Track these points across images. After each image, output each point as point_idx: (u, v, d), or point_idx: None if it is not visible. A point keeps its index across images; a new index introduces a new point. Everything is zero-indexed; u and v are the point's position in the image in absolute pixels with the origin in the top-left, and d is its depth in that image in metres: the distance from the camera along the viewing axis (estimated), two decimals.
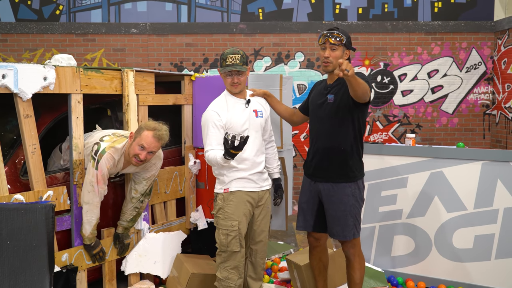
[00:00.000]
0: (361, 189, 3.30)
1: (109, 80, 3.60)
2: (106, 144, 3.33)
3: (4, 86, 2.94)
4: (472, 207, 3.92)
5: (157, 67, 7.31)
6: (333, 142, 3.22)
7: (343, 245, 3.33)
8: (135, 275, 3.83)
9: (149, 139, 3.28)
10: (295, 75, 7.37)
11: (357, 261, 3.33)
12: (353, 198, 3.22)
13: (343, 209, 3.21)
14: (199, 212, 4.28)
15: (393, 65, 7.47)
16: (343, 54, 3.20)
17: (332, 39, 3.16)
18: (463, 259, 3.96)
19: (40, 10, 7.29)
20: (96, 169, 3.28)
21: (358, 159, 3.27)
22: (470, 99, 7.56)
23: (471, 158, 3.90)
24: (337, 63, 3.03)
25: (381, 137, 7.57)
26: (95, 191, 3.30)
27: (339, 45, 3.17)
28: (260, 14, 7.36)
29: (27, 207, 2.25)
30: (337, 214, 3.23)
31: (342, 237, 3.25)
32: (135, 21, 7.31)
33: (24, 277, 2.14)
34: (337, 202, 3.22)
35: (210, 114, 3.32)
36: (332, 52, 3.18)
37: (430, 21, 7.41)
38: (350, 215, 3.21)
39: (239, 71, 3.30)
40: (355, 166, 3.24)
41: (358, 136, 3.23)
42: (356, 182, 3.25)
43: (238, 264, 3.33)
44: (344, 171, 3.22)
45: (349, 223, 3.22)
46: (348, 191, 3.21)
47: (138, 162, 3.33)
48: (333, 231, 3.27)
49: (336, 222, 3.24)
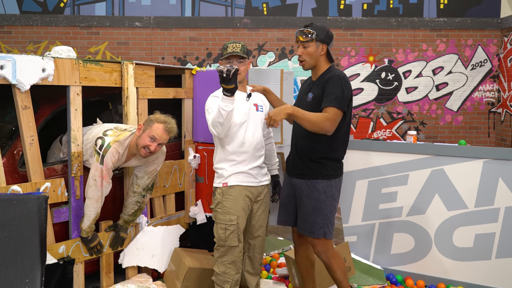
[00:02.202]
0: (335, 188, 3.18)
1: (108, 73, 3.58)
2: (110, 139, 3.31)
3: (2, 77, 2.93)
4: (473, 206, 3.89)
5: (160, 61, 7.30)
6: (307, 141, 3.17)
7: (315, 247, 3.22)
8: (133, 268, 3.82)
9: (160, 131, 3.31)
10: (299, 71, 7.34)
11: (334, 262, 3.22)
12: (324, 195, 3.13)
13: (313, 204, 3.14)
14: (198, 206, 4.27)
15: (398, 61, 7.42)
16: (317, 50, 3.14)
17: (302, 36, 3.12)
18: (463, 258, 3.93)
19: (44, 2, 7.30)
20: (101, 164, 3.27)
21: (334, 159, 3.17)
22: (475, 96, 7.50)
23: (472, 156, 3.86)
24: None
25: (384, 134, 7.53)
26: (98, 186, 3.29)
27: (310, 41, 3.12)
28: (264, 9, 7.33)
29: (19, 198, 2.24)
30: (307, 209, 3.16)
31: (309, 233, 3.16)
32: (139, 15, 7.29)
33: (15, 268, 2.14)
34: (307, 197, 3.16)
35: (213, 99, 3.33)
36: (305, 49, 3.14)
37: (435, 17, 7.35)
38: (319, 211, 3.13)
39: (240, 58, 3.31)
40: (330, 165, 3.15)
41: (333, 136, 3.10)
42: (329, 180, 3.15)
43: (236, 259, 3.31)
44: (316, 167, 3.15)
45: (318, 220, 3.13)
46: (319, 187, 3.13)
47: (147, 153, 3.34)
48: (301, 226, 3.21)
49: (304, 217, 3.18)
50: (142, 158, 3.51)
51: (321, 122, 2.96)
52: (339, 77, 3.07)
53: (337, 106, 2.99)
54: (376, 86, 7.45)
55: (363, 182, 4.25)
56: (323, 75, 3.16)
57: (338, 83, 3.03)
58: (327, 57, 3.20)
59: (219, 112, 3.09)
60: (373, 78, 7.43)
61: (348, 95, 3.06)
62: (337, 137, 3.14)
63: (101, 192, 3.33)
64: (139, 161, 3.54)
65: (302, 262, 3.48)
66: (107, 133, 3.37)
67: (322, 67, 3.19)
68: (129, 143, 3.40)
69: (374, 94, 7.46)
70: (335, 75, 3.08)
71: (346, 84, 3.07)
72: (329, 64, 3.21)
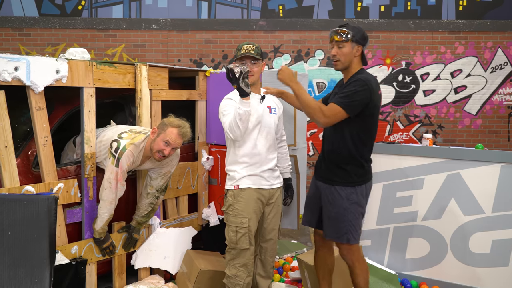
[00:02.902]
0: (360, 195, 3.12)
1: (122, 74, 3.60)
2: (126, 142, 3.32)
3: (16, 78, 2.96)
4: (490, 211, 3.81)
5: (176, 63, 7.33)
6: (331, 146, 3.15)
7: (340, 250, 3.22)
8: (145, 269, 3.83)
9: (174, 136, 3.31)
10: (315, 73, 7.30)
11: (357, 267, 3.19)
12: (348, 202, 3.08)
13: (336, 211, 3.10)
14: (211, 208, 4.26)
15: (415, 64, 7.33)
16: (352, 50, 3.07)
17: (337, 36, 3.06)
18: (480, 264, 3.85)
19: (63, 5, 7.38)
20: (117, 166, 3.28)
21: (358, 165, 3.10)
22: (494, 100, 7.37)
23: (490, 160, 3.79)
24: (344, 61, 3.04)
25: (401, 137, 7.44)
26: (112, 188, 3.31)
27: (346, 41, 3.06)
28: (280, 11, 7.31)
29: (29, 199, 2.25)
30: (330, 215, 3.14)
31: (335, 238, 3.15)
32: (156, 17, 7.34)
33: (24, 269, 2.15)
34: (331, 203, 3.13)
35: (227, 101, 3.33)
36: (339, 49, 3.07)
37: (454, 19, 7.25)
38: (343, 218, 3.09)
39: (254, 59, 3.31)
40: (354, 171, 3.10)
41: (357, 142, 3.06)
42: (354, 187, 3.10)
43: (247, 261, 3.29)
44: (341, 174, 3.11)
45: (341, 226, 3.10)
46: (342, 194, 3.09)
47: (161, 158, 3.35)
48: (326, 231, 3.19)
49: (330, 223, 3.15)
50: (156, 161, 3.51)
51: (313, 109, 2.98)
52: (360, 80, 2.97)
53: (341, 105, 2.93)
54: (393, 88, 7.37)
55: (378, 185, 4.19)
56: (352, 78, 3.07)
57: (355, 85, 2.96)
58: (361, 59, 3.14)
59: (234, 115, 3.08)
60: (390, 80, 7.35)
61: (363, 100, 2.93)
62: (361, 142, 3.09)
63: (115, 194, 3.34)
64: (153, 163, 3.54)
65: (320, 265, 3.45)
66: (122, 135, 3.37)
67: (354, 69, 3.10)
68: (144, 146, 3.41)
69: (391, 97, 7.38)
70: (359, 77, 3.00)
71: (364, 89, 2.94)
72: (361, 66, 3.13)
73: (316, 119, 2.99)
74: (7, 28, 7.36)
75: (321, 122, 2.98)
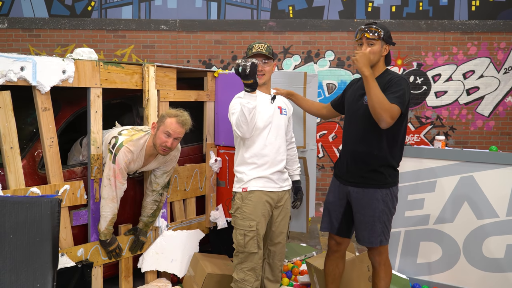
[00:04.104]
0: (393, 196, 3.12)
1: (129, 75, 3.56)
2: (124, 138, 3.30)
3: (22, 78, 2.93)
4: (504, 215, 3.72)
5: (185, 64, 7.30)
6: (365, 146, 3.06)
7: (369, 252, 3.21)
8: (152, 272, 3.79)
9: (174, 125, 3.26)
10: (325, 74, 7.23)
11: (383, 270, 3.18)
12: (383, 204, 3.06)
13: (372, 214, 3.06)
14: (219, 211, 4.21)
15: (427, 65, 7.23)
16: (382, 49, 3.04)
17: (369, 34, 3.00)
18: (493, 269, 3.76)
19: (72, 6, 7.38)
20: (114, 162, 3.25)
21: (392, 166, 3.09)
22: (508, 101, 7.26)
23: (504, 163, 3.70)
24: None
25: (412, 139, 7.35)
26: (112, 185, 3.27)
27: (377, 39, 3.01)
28: (290, 12, 7.25)
29: (31, 201, 2.21)
30: (365, 219, 3.09)
31: (368, 243, 3.12)
32: (165, 18, 7.31)
33: (26, 273, 2.10)
34: (366, 207, 3.08)
35: (236, 100, 3.27)
36: (370, 47, 3.02)
37: (466, 20, 7.15)
38: (378, 221, 3.06)
39: (266, 58, 3.25)
40: (388, 172, 3.07)
41: (392, 142, 3.04)
42: (389, 189, 3.08)
43: (256, 265, 3.23)
44: (376, 177, 3.06)
45: (377, 229, 3.07)
46: (378, 196, 3.06)
47: (165, 151, 3.30)
48: (360, 236, 3.15)
49: (363, 227, 3.11)
50: (160, 160, 3.47)
51: (385, 108, 2.83)
52: (404, 79, 3.01)
53: (399, 105, 2.89)
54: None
55: None
56: (381, 77, 3.03)
57: (402, 84, 2.96)
58: (386, 58, 3.12)
59: (241, 111, 3.02)
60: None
61: (409, 99, 2.98)
62: (396, 143, 3.06)
63: (115, 192, 3.31)
64: (158, 163, 3.51)
65: (331, 269, 3.40)
66: (121, 132, 3.35)
67: (379, 68, 3.08)
68: (144, 144, 3.36)
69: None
70: (399, 76, 3.01)
71: (409, 87, 3.00)
72: (385, 67, 3.12)
73: (382, 119, 2.85)
74: (17, 29, 7.38)
75: (386, 122, 2.86)
